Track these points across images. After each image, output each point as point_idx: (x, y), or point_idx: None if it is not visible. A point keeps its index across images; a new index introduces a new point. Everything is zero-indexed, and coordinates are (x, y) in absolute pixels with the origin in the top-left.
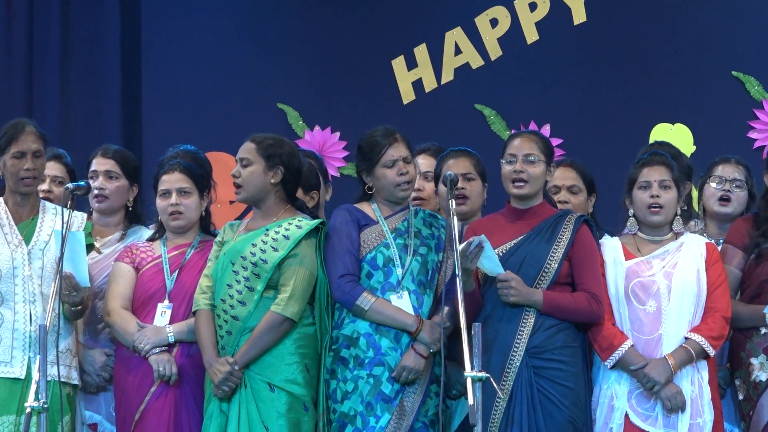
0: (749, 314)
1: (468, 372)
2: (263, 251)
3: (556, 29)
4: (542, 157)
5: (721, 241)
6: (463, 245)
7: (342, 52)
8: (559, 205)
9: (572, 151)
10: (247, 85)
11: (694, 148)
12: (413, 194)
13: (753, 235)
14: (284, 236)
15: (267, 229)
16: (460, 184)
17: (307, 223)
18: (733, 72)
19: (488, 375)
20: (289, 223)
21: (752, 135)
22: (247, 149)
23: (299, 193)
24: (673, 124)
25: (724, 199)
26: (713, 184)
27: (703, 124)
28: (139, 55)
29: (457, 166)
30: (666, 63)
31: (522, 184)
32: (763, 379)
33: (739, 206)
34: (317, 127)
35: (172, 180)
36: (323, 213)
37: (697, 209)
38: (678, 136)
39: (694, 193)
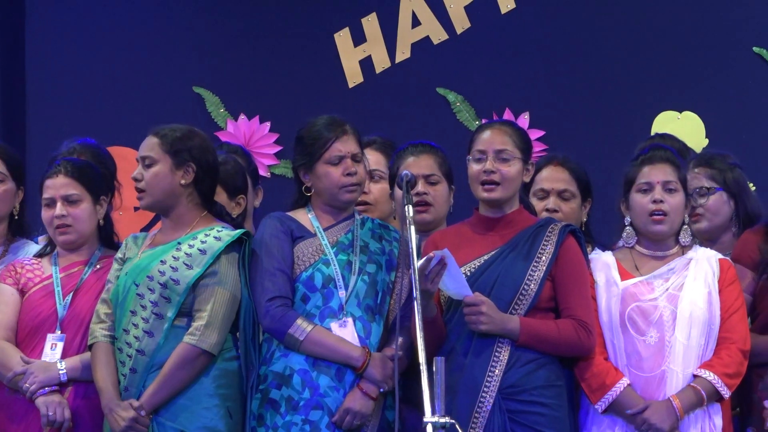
0: (762, 347)
1: (428, 417)
2: (174, 269)
3: None
4: (517, 154)
5: None
6: (421, 261)
7: (273, 24)
8: (545, 214)
9: (556, 146)
10: (156, 66)
11: (707, 141)
12: None
13: (764, 250)
14: (200, 250)
15: (179, 243)
16: (421, 188)
17: (227, 234)
18: (754, 48)
19: (453, 421)
20: (206, 235)
21: None
22: (150, 146)
23: (223, 199)
24: (680, 113)
25: (696, 215)
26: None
27: (718, 112)
28: (22, 28)
29: (417, 165)
30: (673, 38)
31: (493, 186)
32: None
33: (714, 216)
34: (242, 116)
35: (57, 185)
36: (251, 222)
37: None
38: (686, 126)
39: None
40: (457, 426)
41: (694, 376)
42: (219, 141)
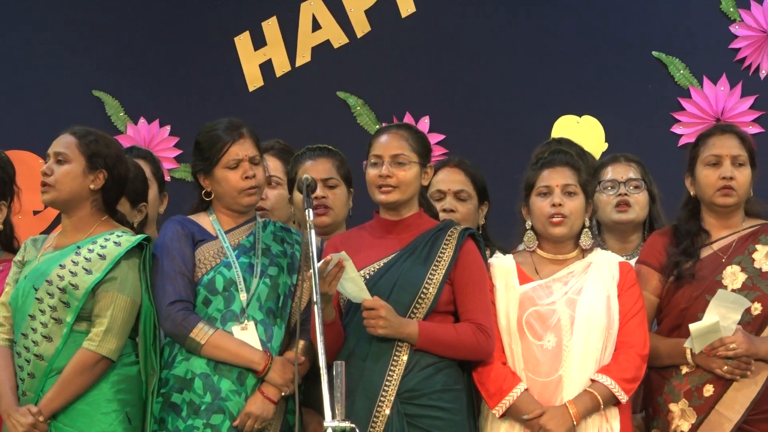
0: (667, 350)
1: (328, 421)
2: (73, 274)
3: None
4: (414, 158)
5: (624, 257)
6: (319, 264)
7: (173, 28)
8: (442, 215)
9: (457, 150)
10: (55, 69)
11: (606, 145)
12: None
13: (671, 252)
14: (100, 255)
15: (78, 247)
16: (319, 192)
17: (128, 239)
18: (654, 53)
19: (353, 425)
20: (106, 239)
21: (677, 129)
22: (66, 143)
23: (126, 209)
24: (580, 117)
25: (622, 204)
26: (606, 191)
27: (617, 116)
28: None
29: (315, 168)
30: (572, 42)
31: (389, 189)
32: (686, 429)
33: (641, 211)
34: (142, 120)
35: None
36: (154, 228)
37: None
38: (586, 130)
39: None
40: (356, 430)
41: (591, 380)
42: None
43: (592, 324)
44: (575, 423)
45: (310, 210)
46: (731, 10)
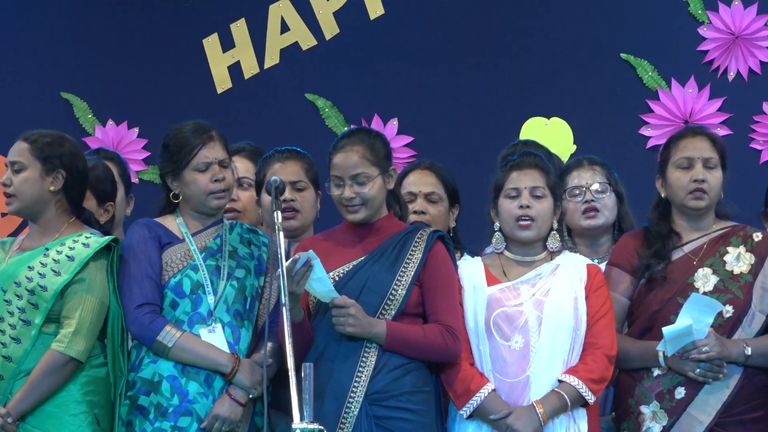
0: (639, 352)
1: (297, 423)
2: (42, 276)
3: (406, 1)
4: (374, 171)
5: (595, 261)
6: (287, 263)
7: (141, 30)
8: (413, 216)
9: (425, 152)
10: (23, 71)
11: (575, 147)
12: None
13: (643, 255)
14: (68, 257)
15: (47, 249)
16: (288, 194)
17: (96, 241)
18: (622, 55)
19: (321, 428)
20: (74, 241)
21: (645, 132)
22: (19, 151)
23: (92, 205)
24: (548, 119)
25: (590, 211)
26: (573, 198)
27: (586, 119)
28: None
29: (284, 171)
30: (541, 45)
31: (357, 208)
32: (657, 431)
33: (610, 214)
34: (110, 122)
35: None
36: (121, 230)
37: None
38: (555, 132)
39: None
40: None
41: (559, 381)
42: (88, 147)
43: (559, 325)
44: (543, 423)
45: (278, 212)
46: (699, 12)
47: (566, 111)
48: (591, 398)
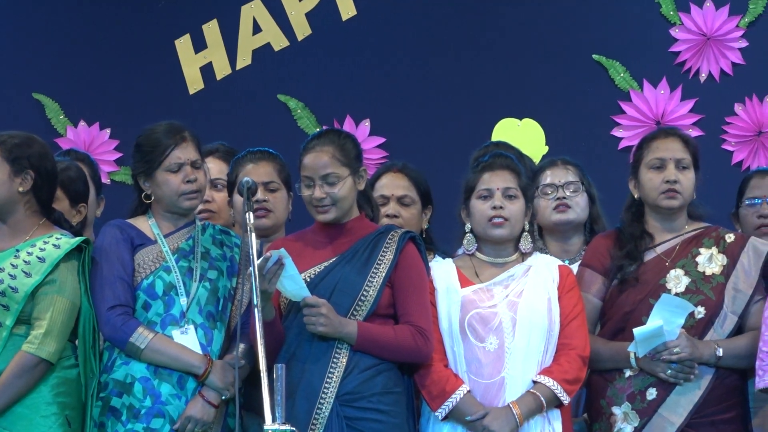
0: (610, 353)
1: (268, 424)
2: (12, 277)
3: (378, 2)
4: (344, 172)
5: (566, 262)
6: (259, 261)
7: (113, 31)
8: (385, 220)
9: (397, 153)
10: None
11: (547, 148)
12: (199, 206)
13: (615, 256)
14: (39, 258)
15: (17, 250)
16: (260, 195)
17: (66, 242)
18: (594, 56)
19: (293, 429)
20: (45, 242)
21: (617, 133)
22: None
23: (65, 206)
24: (520, 120)
25: (561, 207)
26: (545, 196)
27: (558, 120)
28: None
29: (256, 172)
30: (513, 46)
31: (327, 208)
32: None
33: (581, 212)
34: (82, 123)
35: None
36: (91, 231)
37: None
38: (527, 133)
39: None
40: None
41: (534, 382)
42: (59, 148)
43: (533, 326)
44: (519, 424)
45: (251, 213)
46: (671, 13)
47: (538, 112)
48: (566, 399)
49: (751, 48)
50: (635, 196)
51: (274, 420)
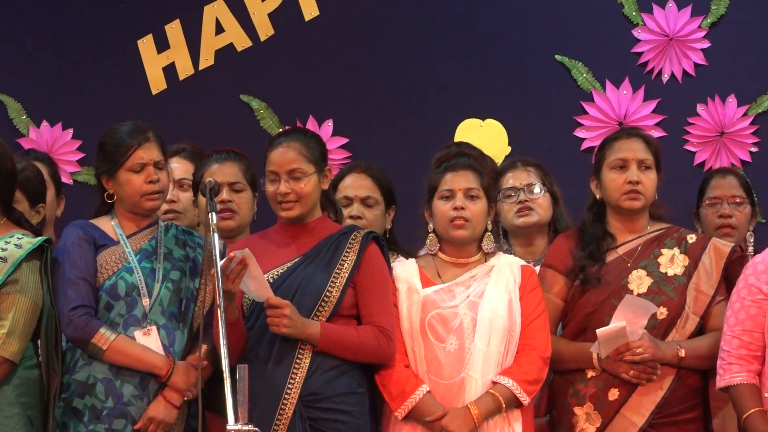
0: (573, 354)
1: (231, 425)
2: None
3: (341, 3)
4: (310, 169)
5: (531, 263)
6: (222, 261)
7: (76, 30)
8: (349, 221)
9: (360, 153)
10: None
11: (510, 149)
12: (164, 206)
13: (577, 256)
14: (1, 258)
15: None
16: (225, 196)
17: (28, 242)
18: (556, 56)
19: (256, 429)
20: (6, 242)
21: (580, 133)
22: None
23: (24, 207)
24: (483, 120)
25: (524, 209)
26: (507, 199)
27: (520, 120)
28: None
29: (222, 172)
30: (475, 46)
31: (291, 204)
32: None
33: (544, 213)
34: (45, 123)
35: None
36: (52, 231)
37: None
38: (489, 133)
39: None
40: None
41: (494, 383)
42: (22, 148)
43: (494, 326)
44: (477, 424)
45: (213, 213)
46: (634, 14)
47: (501, 113)
48: (525, 399)
49: (713, 49)
50: (597, 197)
51: (236, 420)
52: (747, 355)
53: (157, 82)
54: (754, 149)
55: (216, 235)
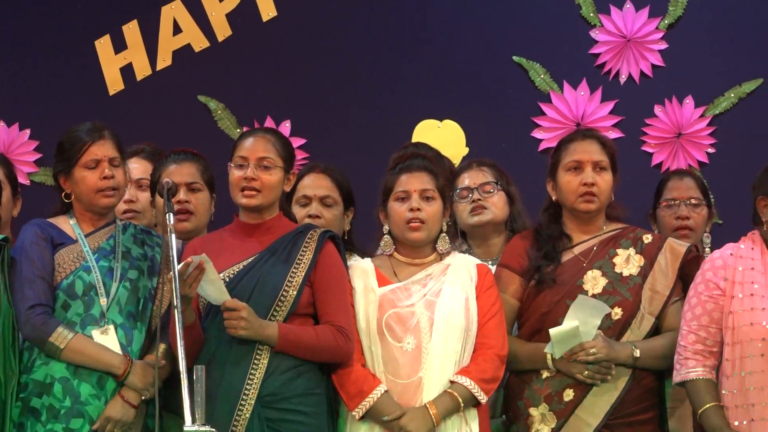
0: (528, 354)
1: (188, 426)
2: None
3: (299, 3)
4: (279, 162)
5: (489, 262)
6: (180, 266)
7: (33, 31)
8: (307, 220)
9: (318, 154)
10: None
11: (467, 150)
12: (123, 206)
13: (533, 256)
14: None
15: None
16: (183, 196)
17: None
18: (514, 57)
19: (213, 430)
20: None
21: (537, 134)
22: None
23: None
24: (441, 121)
25: (477, 208)
26: (462, 200)
27: (478, 121)
28: None
29: (179, 172)
30: (433, 47)
31: (254, 193)
32: None
33: (499, 212)
34: (2, 124)
35: None
36: (9, 231)
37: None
38: (447, 135)
39: None
40: None
41: (451, 382)
42: None
43: (450, 325)
44: (435, 424)
45: (171, 214)
46: (591, 15)
47: (459, 113)
48: (483, 398)
49: (670, 50)
50: (553, 198)
51: (194, 421)
52: (703, 350)
53: (114, 83)
54: (711, 150)
55: (173, 235)
